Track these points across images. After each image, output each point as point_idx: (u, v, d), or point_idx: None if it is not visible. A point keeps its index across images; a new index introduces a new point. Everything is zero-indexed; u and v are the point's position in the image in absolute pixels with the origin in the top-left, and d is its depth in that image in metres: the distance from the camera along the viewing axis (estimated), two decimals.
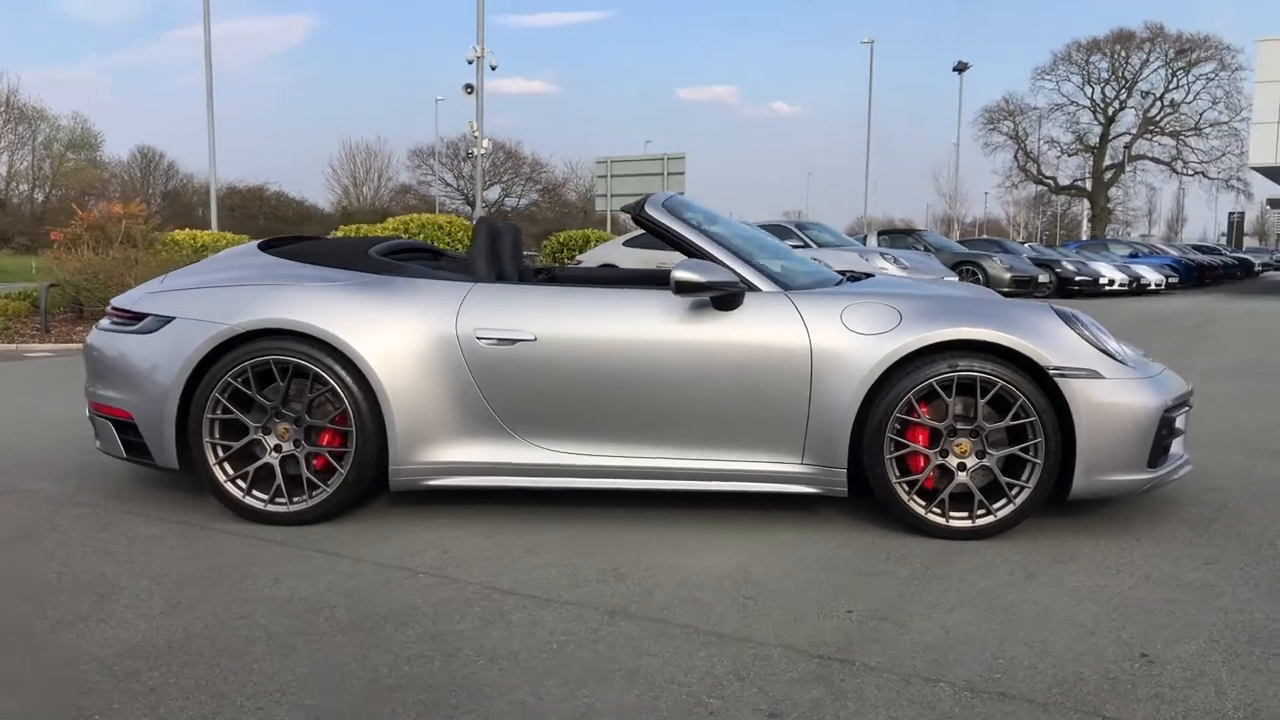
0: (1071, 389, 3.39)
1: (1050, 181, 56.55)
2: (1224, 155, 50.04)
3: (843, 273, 4.36)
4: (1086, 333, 3.53)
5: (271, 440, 3.67)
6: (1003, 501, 3.49)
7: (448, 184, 57.53)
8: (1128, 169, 53.82)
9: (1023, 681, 2.41)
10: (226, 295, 3.72)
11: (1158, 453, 3.52)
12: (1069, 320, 3.54)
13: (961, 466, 3.51)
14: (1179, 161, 51.90)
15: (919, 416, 3.48)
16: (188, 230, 16.98)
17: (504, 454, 3.64)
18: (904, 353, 3.43)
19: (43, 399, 7.00)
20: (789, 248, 4.59)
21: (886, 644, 2.63)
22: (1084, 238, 44.34)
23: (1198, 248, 37.60)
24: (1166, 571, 3.19)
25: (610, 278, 4.76)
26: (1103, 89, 52.36)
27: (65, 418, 5.71)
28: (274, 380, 3.63)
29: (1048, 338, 3.46)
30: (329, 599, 2.95)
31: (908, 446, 3.50)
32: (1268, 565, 3.25)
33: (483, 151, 21.12)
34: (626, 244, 12.89)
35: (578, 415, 3.60)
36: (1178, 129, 51.16)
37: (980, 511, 3.50)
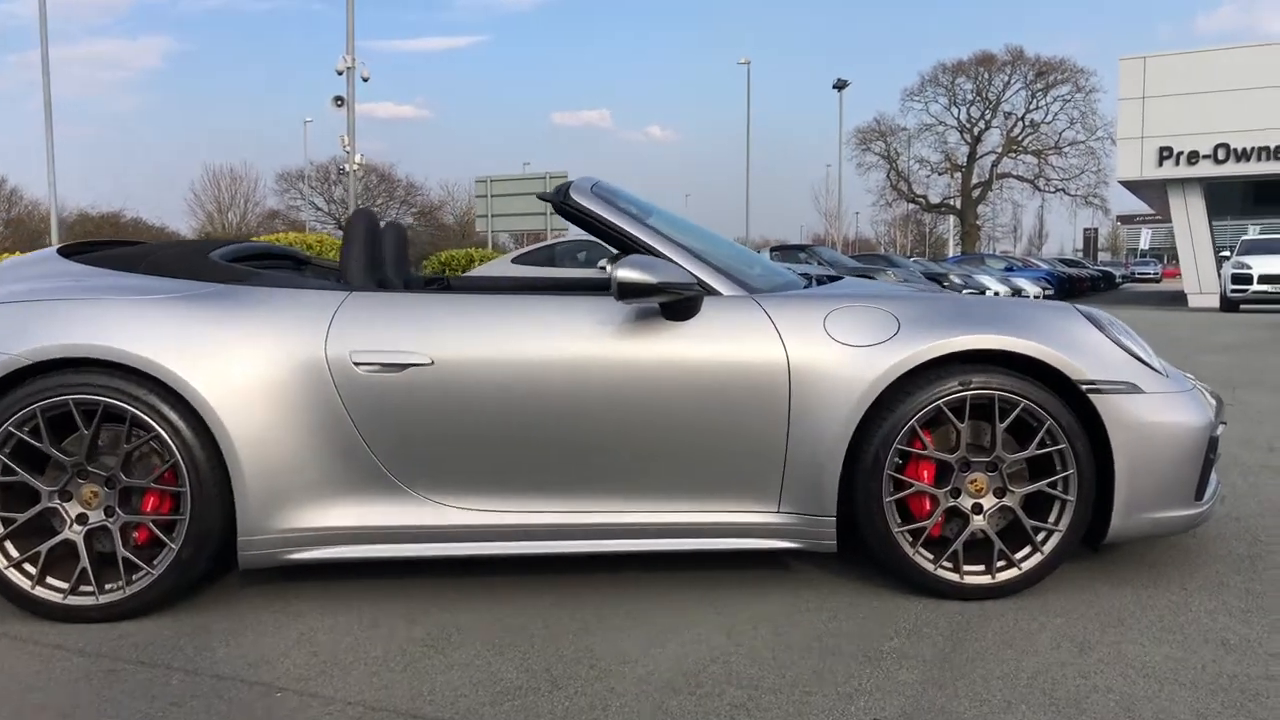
0: (1109, 407, 2.74)
1: (922, 200, 58.03)
2: (1082, 173, 52.17)
3: (806, 276, 3.64)
4: (1119, 337, 2.88)
5: (73, 509, 2.72)
6: (1027, 550, 2.81)
7: (318, 208, 55.21)
8: (994, 187, 55.64)
9: None
10: (7, 315, 2.75)
11: (1204, 481, 2.90)
12: (1097, 322, 2.90)
13: (977, 508, 2.81)
14: (1041, 179, 53.87)
15: (924, 447, 2.77)
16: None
17: (393, 515, 2.77)
18: (906, 368, 2.72)
19: None
20: (738, 243, 3.86)
21: None
22: (950, 254, 45.43)
23: (1064, 261, 38.88)
24: (1242, 634, 2.55)
25: (526, 284, 3.93)
26: (968, 110, 54.03)
27: None
28: (76, 427, 2.68)
29: (1078, 344, 2.80)
30: None
31: (910, 486, 2.79)
32: None
33: (355, 166, 19.89)
34: (516, 261, 12.00)
35: (491, 461, 2.76)
36: (1039, 148, 53.12)
37: (1001, 564, 2.81)
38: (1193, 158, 24.33)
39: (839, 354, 2.75)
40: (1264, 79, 23.44)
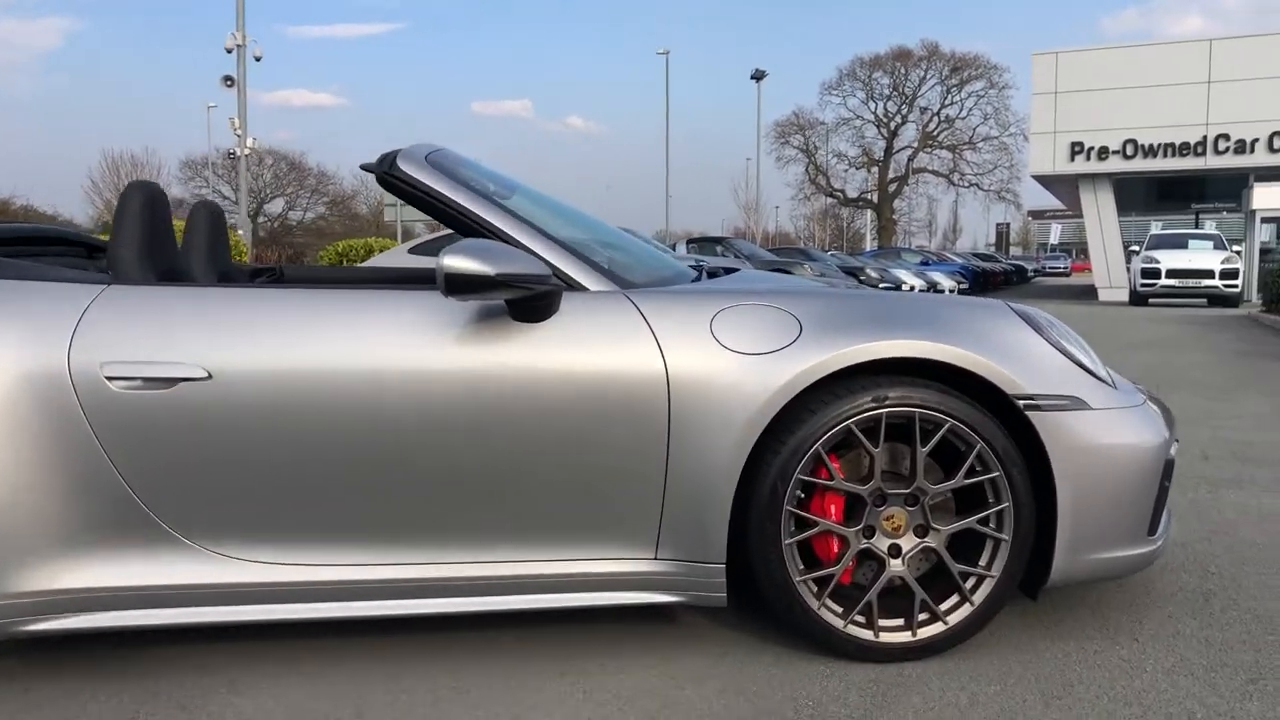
0: (1050, 427, 2.27)
1: (840, 194, 58.36)
2: (995, 168, 52.96)
3: (697, 267, 3.12)
4: (1059, 340, 2.42)
5: None
6: (954, 600, 2.33)
7: (225, 196, 53.19)
8: (910, 181, 56.23)
9: None
10: None
11: (1159, 513, 2.45)
12: (1034, 323, 2.43)
13: (895, 550, 2.32)
14: (955, 174, 54.57)
15: (831, 477, 2.27)
16: None
17: (163, 571, 2.17)
18: (809, 380, 2.21)
19: None
20: (621, 230, 3.31)
21: None
22: (867, 249, 45.72)
23: (978, 255, 39.31)
24: (1210, 704, 2.10)
25: (363, 276, 3.32)
26: (885, 104, 54.42)
27: None
28: None
29: (1013, 351, 2.32)
30: None
31: (815, 524, 2.28)
32: None
33: (247, 150, 18.84)
34: (413, 251, 11.27)
35: (289, 502, 2.18)
36: (954, 143, 53.77)
37: (923, 617, 2.32)
38: (1103, 153, 24.62)
39: (729, 363, 2.23)
40: (1171, 77, 23.82)
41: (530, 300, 2.17)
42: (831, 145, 56.44)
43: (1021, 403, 2.26)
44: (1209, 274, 19.22)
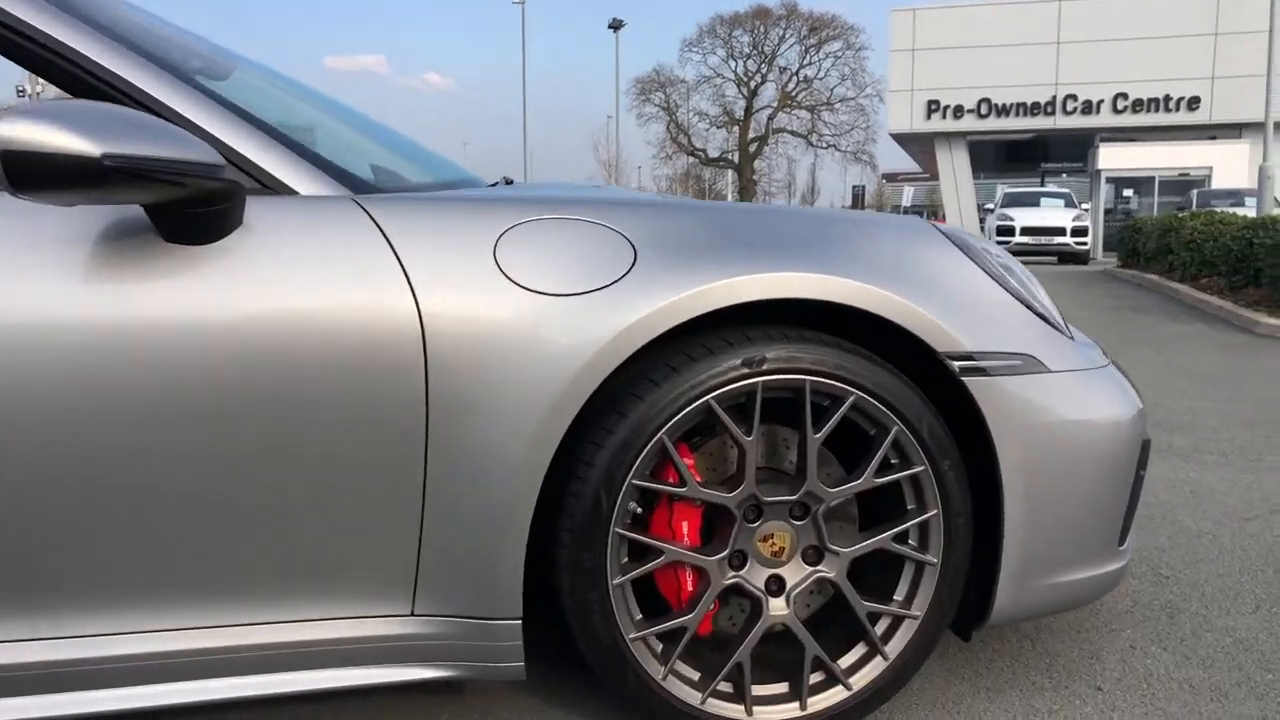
0: (997, 398, 1.55)
1: (701, 153, 58.03)
2: (852, 129, 53.41)
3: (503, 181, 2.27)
4: (1002, 274, 1.70)
5: None
6: (860, 652, 1.60)
7: None
8: (770, 141, 56.34)
9: None
10: None
11: (1132, 514, 1.78)
12: (970, 251, 1.69)
13: (775, 585, 1.57)
14: (814, 135, 54.87)
15: (682, 480, 1.49)
16: None
17: None
18: (651, 334, 1.42)
19: None
20: (414, 141, 2.40)
21: None
22: None
23: None
24: None
25: None
26: (745, 63, 54.12)
27: None
28: None
29: (944, 288, 1.59)
30: None
31: (658, 551, 1.51)
32: None
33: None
34: None
35: None
36: (813, 103, 53.95)
37: (817, 679, 1.59)
38: (958, 112, 24.80)
39: (524, 308, 1.41)
40: (1024, 37, 24.08)
41: (183, 206, 1.30)
42: (693, 103, 55.96)
43: (958, 365, 1.53)
44: (1061, 231, 19.47)
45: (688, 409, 1.45)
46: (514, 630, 1.46)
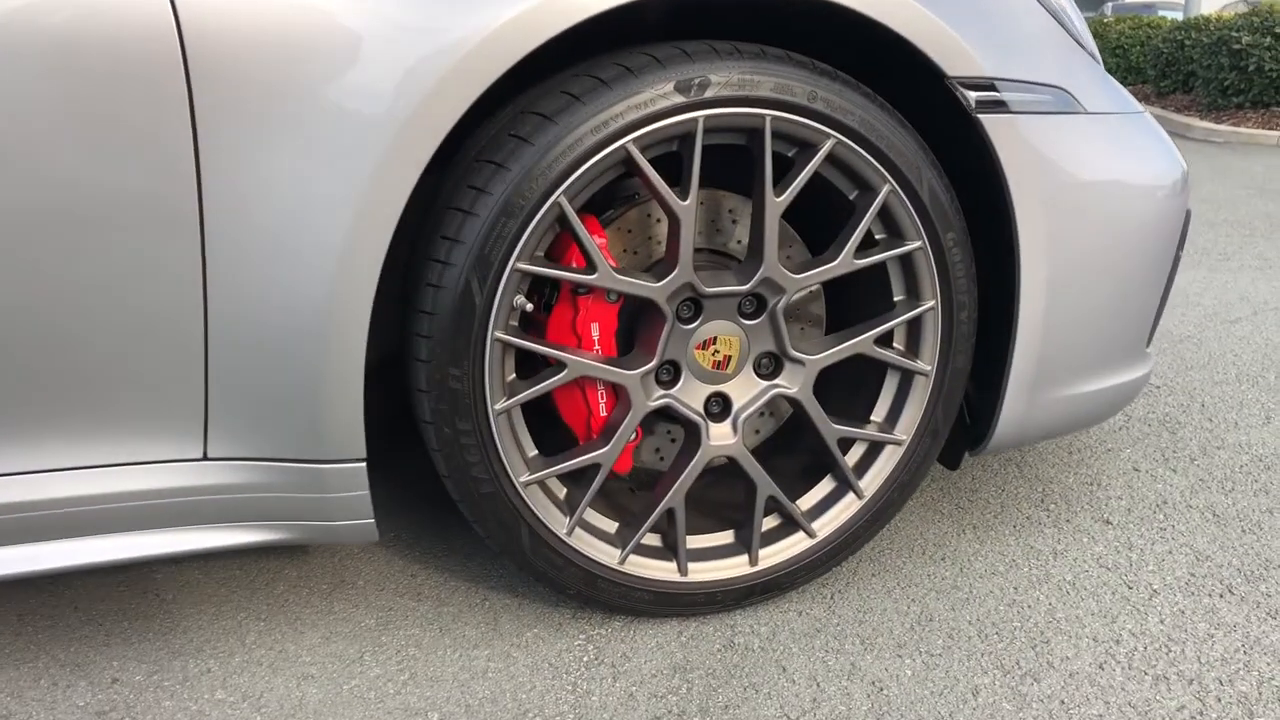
0: (1020, 142, 1.12)
1: None
2: None
3: None
4: None
5: None
6: (827, 489, 1.22)
7: None
8: None
9: None
10: None
11: (1164, 306, 1.40)
12: None
13: (718, 406, 1.17)
14: None
15: (590, 264, 1.05)
16: None
17: None
18: (540, 37, 0.94)
19: None
20: None
21: None
22: None
23: None
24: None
25: None
26: None
27: None
28: None
29: None
30: None
31: (558, 363, 1.07)
32: None
33: None
34: None
35: None
36: None
37: (771, 525, 1.21)
38: None
39: (335, 7, 0.91)
40: None
41: None
42: None
43: (974, 96, 1.09)
44: None
45: (596, 158, 0.99)
46: (354, 477, 1.03)
